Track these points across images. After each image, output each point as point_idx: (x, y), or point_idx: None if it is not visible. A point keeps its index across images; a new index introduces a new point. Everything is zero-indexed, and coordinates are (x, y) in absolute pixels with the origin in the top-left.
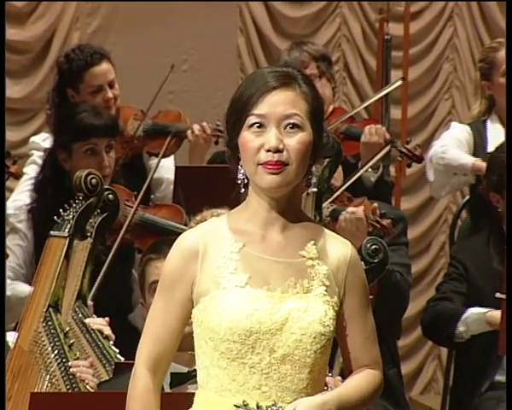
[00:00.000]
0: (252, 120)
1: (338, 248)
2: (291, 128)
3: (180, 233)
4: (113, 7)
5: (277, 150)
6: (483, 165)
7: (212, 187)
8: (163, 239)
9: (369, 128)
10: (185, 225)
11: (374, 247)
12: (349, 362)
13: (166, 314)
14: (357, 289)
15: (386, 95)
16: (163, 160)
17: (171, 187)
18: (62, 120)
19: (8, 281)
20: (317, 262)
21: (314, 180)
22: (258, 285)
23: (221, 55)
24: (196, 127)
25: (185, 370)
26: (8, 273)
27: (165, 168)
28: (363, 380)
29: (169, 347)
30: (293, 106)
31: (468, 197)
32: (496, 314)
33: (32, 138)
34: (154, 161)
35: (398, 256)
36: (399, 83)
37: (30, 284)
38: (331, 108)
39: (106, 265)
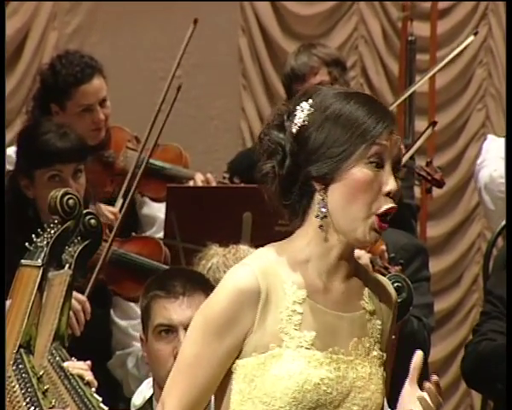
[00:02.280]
0: (374, 150)
1: (387, 293)
2: (396, 172)
3: (158, 272)
4: (96, 3)
5: (395, 196)
6: None
7: (208, 209)
8: (169, 272)
9: None
10: (165, 262)
11: (396, 284)
12: None
13: (211, 361)
14: (391, 334)
15: (411, 105)
16: None
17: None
18: (23, 141)
19: None
20: (374, 316)
21: None
22: (324, 346)
23: (220, 58)
24: (199, 179)
25: None
26: None
27: (159, 205)
28: None
29: (205, 397)
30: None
31: (504, 222)
32: None
33: (8, 151)
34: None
35: (418, 296)
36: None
37: None
38: None
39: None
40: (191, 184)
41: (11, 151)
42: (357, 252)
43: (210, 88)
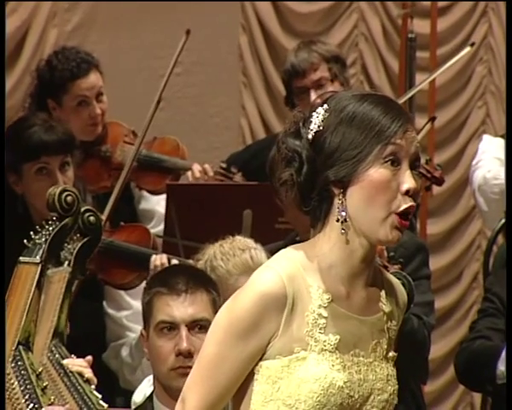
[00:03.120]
0: (390, 150)
1: (400, 294)
2: (415, 170)
3: (148, 258)
4: (96, 1)
5: (414, 194)
6: None
7: (209, 206)
8: (172, 269)
9: None
10: (153, 247)
11: None
12: None
13: (234, 363)
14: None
15: (411, 102)
16: None
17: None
18: (10, 137)
19: None
20: (390, 317)
21: None
22: (346, 349)
23: (220, 56)
24: (197, 169)
25: None
26: None
27: (157, 199)
28: None
29: (226, 397)
30: (419, 145)
31: (504, 220)
32: None
33: None
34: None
35: (418, 294)
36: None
37: None
38: None
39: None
40: (189, 175)
41: None
42: None
43: (210, 86)
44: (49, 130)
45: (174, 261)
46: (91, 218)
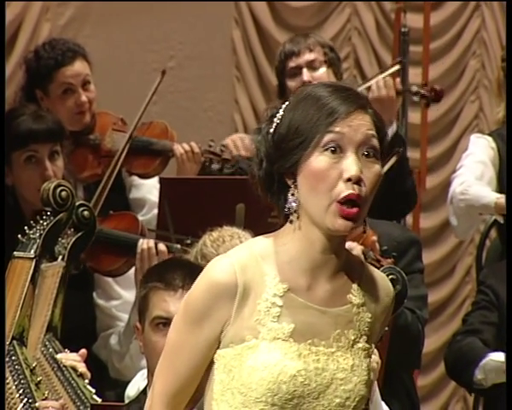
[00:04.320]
0: (327, 137)
1: (383, 288)
2: (368, 156)
3: (136, 245)
4: None
5: (358, 181)
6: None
7: (201, 200)
8: (169, 263)
9: (376, 82)
10: (142, 234)
11: (391, 277)
12: None
13: (191, 350)
14: (383, 328)
15: (404, 97)
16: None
17: (155, 211)
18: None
19: None
20: (363, 308)
21: None
22: (303, 339)
23: (213, 50)
24: (184, 147)
25: None
26: None
27: (148, 187)
28: None
29: (190, 385)
30: (372, 130)
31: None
32: None
33: None
34: (134, 177)
35: (412, 288)
36: (397, 67)
37: None
38: None
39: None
40: (177, 152)
41: None
42: (349, 244)
43: (203, 80)
44: (38, 118)
45: (161, 246)
46: (85, 212)
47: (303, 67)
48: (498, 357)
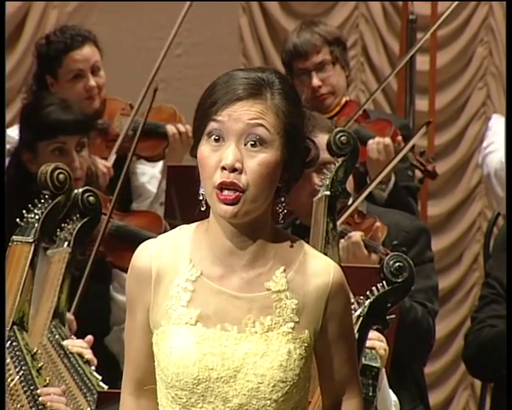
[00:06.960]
0: (210, 126)
1: (318, 274)
2: (252, 146)
3: None
4: None
5: (234, 170)
6: None
7: None
8: None
9: (376, 144)
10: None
11: (398, 264)
12: (327, 391)
13: (135, 336)
14: (338, 317)
15: (411, 84)
16: (147, 166)
17: (150, 200)
18: (26, 115)
19: None
20: (286, 295)
21: (327, 182)
22: (212, 324)
23: (220, 37)
24: (179, 127)
25: None
26: None
27: (148, 176)
28: None
29: (147, 370)
30: (258, 119)
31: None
32: None
33: (7, 131)
34: (141, 164)
35: (422, 279)
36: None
37: None
38: (343, 101)
39: (83, 282)
40: (169, 128)
41: (13, 132)
42: (353, 232)
43: (210, 67)
44: (67, 109)
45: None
46: (91, 198)
47: (311, 70)
48: None
